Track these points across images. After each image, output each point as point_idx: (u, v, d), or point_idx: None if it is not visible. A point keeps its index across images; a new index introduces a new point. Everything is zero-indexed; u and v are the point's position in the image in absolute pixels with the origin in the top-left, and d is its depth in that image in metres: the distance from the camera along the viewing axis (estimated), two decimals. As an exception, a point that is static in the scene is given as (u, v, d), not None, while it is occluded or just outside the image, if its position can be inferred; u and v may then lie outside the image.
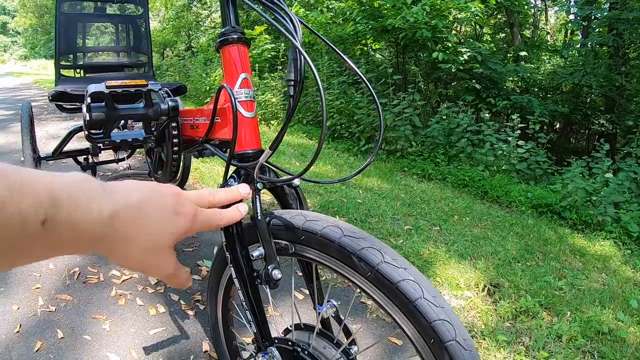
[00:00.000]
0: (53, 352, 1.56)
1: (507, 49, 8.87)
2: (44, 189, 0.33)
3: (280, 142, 0.77)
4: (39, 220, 0.32)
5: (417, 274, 0.68)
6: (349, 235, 0.72)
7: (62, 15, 2.66)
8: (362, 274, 0.69)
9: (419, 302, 0.64)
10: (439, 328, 0.62)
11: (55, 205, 0.33)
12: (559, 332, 1.80)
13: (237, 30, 0.89)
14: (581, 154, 5.77)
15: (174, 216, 0.45)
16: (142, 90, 1.10)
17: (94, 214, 0.36)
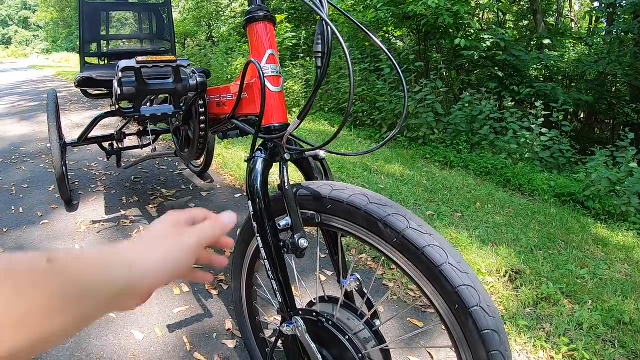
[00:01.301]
0: (79, 329, 1.60)
1: (530, 36, 8.71)
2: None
3: (308, 112, 0.78)
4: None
5: (442, 240, 0.68)
6: (375, 203, 0.73)
7: (86, 5, 2.71)
8: (388, 240, 0.70)
9: (444, 267, 0.64)
10: (463, 293, 0.63)
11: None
12: (580, 320, 1.79)
13: (264, 9, 0.90)
14: (606, 144, 5.66)
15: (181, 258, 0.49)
16: (172, 66, 1.12)
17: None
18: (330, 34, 0.74)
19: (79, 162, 3.66)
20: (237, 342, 1.57)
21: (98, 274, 0.39)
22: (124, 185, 3.09)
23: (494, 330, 0.63)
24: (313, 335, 0.86)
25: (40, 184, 3.14)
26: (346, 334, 0.83)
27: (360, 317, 0.88)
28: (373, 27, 6.54)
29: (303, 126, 5.50)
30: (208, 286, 1.89)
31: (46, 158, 3.76)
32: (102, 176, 3.31)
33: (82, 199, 2.85)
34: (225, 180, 3.23)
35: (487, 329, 0.63)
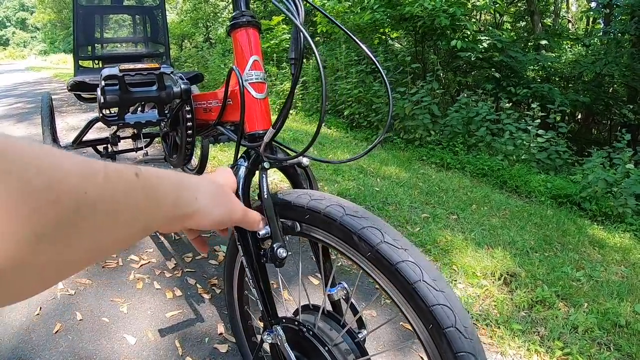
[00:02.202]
0: (72, 333, 1.59)
1: (527, 37, 8.72)
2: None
3: (284, 120, 0.78)
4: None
5: (418, 256, 0.66)
6: (351, 214, 0.71)
7: (80, 8, 2.70)
8: (363, 254, 0.68)
9: (417, 284, 0.62)
10: (438, 313, 0.61)
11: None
12: (575, 323, 1.78)
13: (247, 14, 0.89)
14: (603, 144, 5.66)
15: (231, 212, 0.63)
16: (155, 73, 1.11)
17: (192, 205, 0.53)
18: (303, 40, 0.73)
19: (74, 165, 3.64)
20: (229, 346, 1.56)
21: (171, 194, 0.48)
22: (119, 189, 3.08)
23: (470, 353, 0.60)
24: (295, 344, 0.85)
25: (34, 187, 3.12)
26: (326, 344, 0.82)
27: (343, 327, 0.86)
28: (370, 29, 6.55)
29: (300, 127, 5.49)
30: (201, 290, 1.88)
31: (41, 161, 3.74)
32: (97, 179, 3.30)
33: (76, 202, 2.84)
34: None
35: (462, 351, 0.60)
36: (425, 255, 0.66)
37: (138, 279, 1.95)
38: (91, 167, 0.34)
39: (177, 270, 2.02)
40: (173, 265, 2.07)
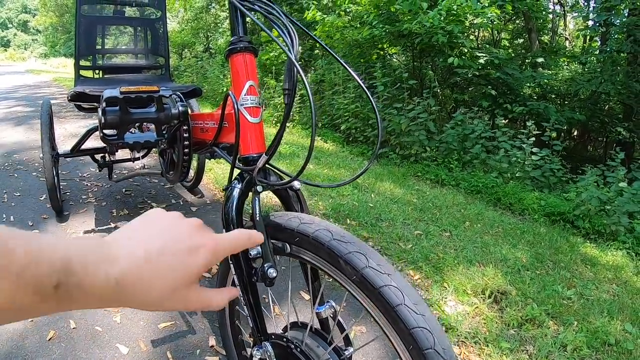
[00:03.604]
0: (65, 341, 1.61)
1: (524, 54, 8.81)
2: (58, 255, 0.35)
3: (277, 147, 0.81)
4: (52, 285, 0.34)
5: (400, 281, 0.70)
6: (337, 239, 0.75)
7: (82, 18, 2.73)
8: (349, 277, 0.72)
9: (399, 308, 0.66)
10: (418, 335, 0.64)
11: (67, 272, 0.35)
12: (564, 342, 1.80)
13: (244, 40, 0.93)
14: (598, 162, 5.71)
15: (191, 254, 0.44)
16: (154, 96, 1.14)
17: (101, 280, 0.37)
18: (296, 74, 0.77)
19: (71, 172, 3.67)
20: (219, 359, 1.58)
21: (47, 256, 0.34)
22: (115, 198, 3.10)
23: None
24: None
25: (32, 193, 3.14)
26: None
27: (330, 344, 0.89)
28: (368, 45, 6.61)
29: (296, 141, 5.53)
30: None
31: (39, 166, 3.76)
32: (93, 187, 3.32)
33: (73, 209, 2.86)
34: (216, 195, 3.24)
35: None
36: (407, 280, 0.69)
37: (132, 289, 1.97)
38: None
39: (170, 282, 2.04)
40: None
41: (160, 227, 0.45)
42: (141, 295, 0.40)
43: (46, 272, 0.34)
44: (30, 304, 0.33)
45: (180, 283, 0.42)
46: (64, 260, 0.35)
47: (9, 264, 0.32)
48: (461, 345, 1.75)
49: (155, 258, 0.41)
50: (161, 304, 0.42)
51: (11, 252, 0.32)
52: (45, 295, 0.34)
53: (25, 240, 0.34)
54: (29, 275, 0.32)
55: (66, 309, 0.37)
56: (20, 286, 0.32)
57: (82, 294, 0.36)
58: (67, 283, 0.35)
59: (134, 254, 0.40)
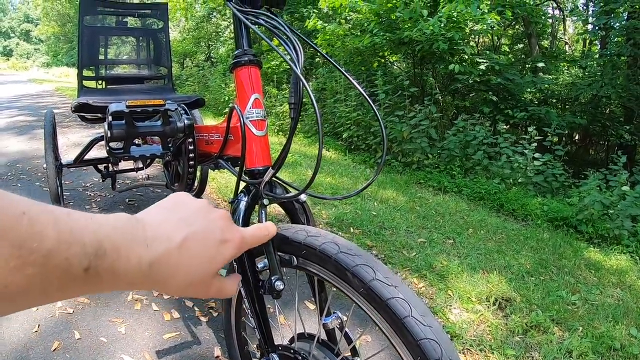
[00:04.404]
0: (70, 352, 1.61)
1: (525, 59, 8.83)
2: (90, 238, 0.34)
3: (283, 161, 0.82)
4: (82, 267, 0.33)
5: (407, 292, 0.71)
6: (345, 252, 0.75)
7: (85, 28, 2.75)
8: (356, 289, 0.72)
9: (406, 320, 0.66)
10: (425, 347, 0.65)
11: (99, 254, 0.34)
12: (569, 348, 1.80)
13: (249, 53, 0.94)
14: (600, 165, 5.70)
15: (220, 246, 0.45)
16: (160, 110, 1.16)
17: (133, 263, 0.37)
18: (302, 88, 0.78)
19: (75, 181, 3.68)
20: (225, 370, 1.58)
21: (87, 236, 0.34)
22: (119, 208, 3.11)
23: None
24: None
25: (35, 204, 3.15)
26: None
27: (337, 355, 0.89)
28: (369, 52, 6.63)
29: (298, 150, 5.54)
30: (198, 313, 1.90)
31: (42, 176, 3.77)
32: (96, 197, 3.33)
33: (77, 221, 2.86)
34: (219, 205, 3.25)
35: None
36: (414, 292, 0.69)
37: (136, 300, 1.97)
38: None
39: (175, 292, 2.04)
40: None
41: (193, 213, 0.45)
42: (170, 280, 0.40)
43: (77, 254, 0.32)
44: (57, 287, 0.32)
45: (207, 272, 0.43)
46: (95, 242, 0.34)
47: (38, 247, 0.30)
48: (466, 352, 1.75)
49: (189, 245, 0.42)
50: (185, 290, 0.42)
51: (40, 233, 0.30)
52: (74, 278, 0.33)
53: (55, 218, 0.32)
54: (58, 258, 0.31)
55: (93, 292, 0.36)
56: (48, 269, 0.31)
57: (112, 277, 0.35)
58: (98, 266, 0.34)
59: (171, 238, 0.40)
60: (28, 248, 0.29)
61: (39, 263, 0.30)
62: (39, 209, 0.32)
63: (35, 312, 1.84)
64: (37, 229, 0.30)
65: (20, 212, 0.30)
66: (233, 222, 0.49)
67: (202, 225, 0.44)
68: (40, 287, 0.31)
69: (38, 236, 0.30)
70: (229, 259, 0.46)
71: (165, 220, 0.42)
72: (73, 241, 0.32)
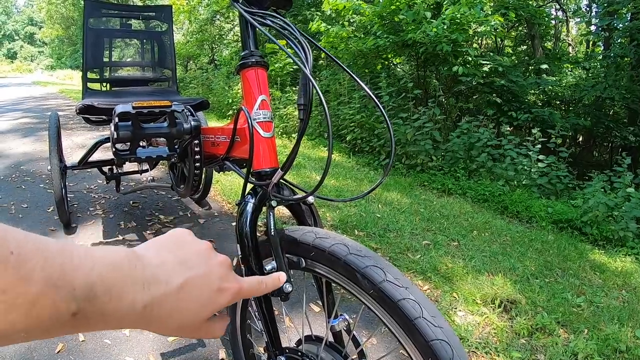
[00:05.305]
0: (74, 354, 1.61)
1: (528, 61, 8.82)
2: (81, 280, 0.32)
3: (292, 163, 0.82)
4: (70, 312, 0.31)
5: (418, 294, 0.71)
6: (354, 253, 0.75)
7: (90, 31, 2.76)
8: (366, 291, 0.72)
9: (417, 321, 0.66)
10: (436, 347, 0.65)
11: (89, 298, 0.33)
12: (575, 350, 1.78)
13: (255, 54, 0.93)
14: (604, 167, 5.69)
15: (216, 294, 0.43)
16: (166, 111, 1.16)
17: (125, 305, 0.35)
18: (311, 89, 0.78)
19: (79, 183, 3.68)
20: (230, 372, 1.58)
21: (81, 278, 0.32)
22: (123, 210, 3.11)
23: None
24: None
25: (39, 205, 3.16)
26: (328, 375, 0.85)
27: (345, 358, 0.89)
28: (373, 54, 6.63)
29: (303, 152, 5.53)
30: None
31: (46, 178, 3.78)
32: (101, 199, 3.33)
33: (81, 222, 2.87)
34: (223, 207, 3.25)
35: None
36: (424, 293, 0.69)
37: (141, 302, 1.97)
38: None
39: (180, 295, 2.04)
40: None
41: (194, 256, 0.44)
42: (162, 323, 0.39)
43: (65, 299, 0.31)
44: (41, 330, 0.31)
45: (202, 317, 0.42)
46: (86, 285, 0.32)
47: (24, 292, 0.29)
48: (472, 355, 1.75)
49: (187, 290, 0.41)
50: (176, 331, 0.42)
51: (27, 276, 0.29)
52: (61, 323, 0.31)
53: (45, 259, 0.31)
54: (44, 303, 0.30)
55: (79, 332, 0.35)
56: (33, 314, 0.29)
57: (101, 319, 0.34)
58: (87, 310, 0.32)
59: (170, 282, 0.39)
60: (14, 292, 0.28)
61: (24, 308, 0.29)
62: (28, 247, 0.30)
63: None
64: (25, 271, 0.29)
65: (8, 253, 0.29)
66: (232, 271, 0.48)
67: (202, 270, 0.43)
68: (24, 330, 0.30)
69: (25, 280, 0.29)
70: (222, 307, 0.45)
71: (165, 260, 0.41)
72: (62, 285, 0.31)
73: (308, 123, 0.78)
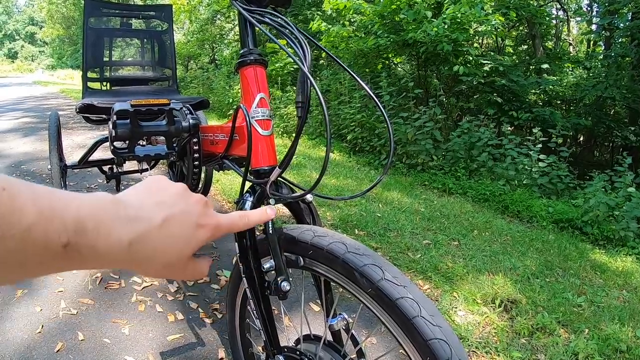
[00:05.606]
0: (73, 353, 1.61)
1: (529, 61, 8.81)
2: (71, 214, 0.34)
3: (290, 161, 0.81)
4: (62, 243, 0.33)
5: (416, 292, 0.70)
6: (352, 252, 0.75)
7: (90, 30, 2.75)
8: (364, 290, 0.72)
9: (416, 320, 0.66)
10: (434, 347, 0.64)
11: (79, 231, 0.34)
12: (575, 350, 1.78)
13: (254, 52, 0.93)
14: (605, 167, 5.68)
15: (196, 230, 0.45)
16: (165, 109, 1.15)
17: (113, 241, 0.37)
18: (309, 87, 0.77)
19: (79, 182, 3.68)
20: (229, 372, 1.57)
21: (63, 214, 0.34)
22: (123, 209, 3.11)
23: None
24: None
25: (40, 206, 3.15)
26: (326, 374, 0.85)
27: (344, 357, 0.89)
28: (373, 54, 6.62)
29: (303, 151, 5.53)
30: (202, 314, 1.90)
31: (47, 177, 3.78)
32: (101, 199, 3.32)
33: (81, 222, 2.86)
34: (224, 206, 3.25)
35: None
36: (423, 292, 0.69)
37: (140, 301, 1.97)
38: None
39: (179, 294, 2.04)
40: (175, 288, 2.09)
41: (172, 196, 0.45)
42: (149, 261, 0.41)
43: (56, 230, 0.33)
44: (36, 262, 0.33)
45: (184, 254, 0.44)
46: (75, 219, 0.34)
47: (17, 222, 0.31)
48: (472, 355, 1.74)
49: (169, 226, 0.42)
50: (163, 271, 0.43)
51: (20, 209, 0.31)
52: (53, 254, 0.33)
53: (36, 195, 0.33)
54: (37, 233, 0.32)
55: (77, 268, 0.36)
56: (27, 244, 0.31)
57: (93, 254, 0.36)
58: (77, 243, 0.34)
59: (152, 218, 0.41)
60: (8, 222, 0.30)
61: (18, 237, 0.31)
62: (19, 185, 0.32)
63: (39, 313, 1.84)
64: (17, 204, 0.31)
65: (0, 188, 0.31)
66: (210, 207, 0.49)
67: (181, 207, 0.45)
68: (19, 261, 0.32)
69: (18, 211, 0.31)
70: (203, 243, 0.46)
71: (145, 202, 0.43)
72: (53, 217, 0.33)
73: (306, 120, 0.78)
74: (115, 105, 1.13)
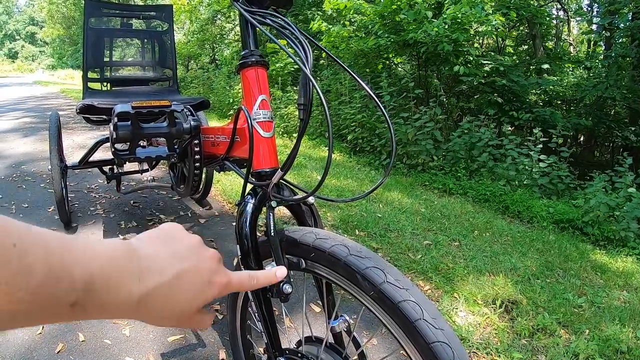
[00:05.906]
0: (74, 354, 1.61)
1: (529, 61, 8.81)
2: (80, 272, 0.34)
3: (292, 163, 0.81)
4: (69, 303, 0.33)
5: (419, 295, 0.70)
6: (355, 254, 0.75)
7: (90, 30, 2.75)
8: (366, 292, 0.72)
9: (418, 323, 0.66)
10: (437, 350, 0.64)
11: (88, 290, 0.34)
12: (576, 351, 1.78)
13: (255, 54, 0.93)
14: (605, 167, 5.68)
15: (207, 286, 0.45)
16: (166, 111, 1.15)
17: (122, 297, 0.37)
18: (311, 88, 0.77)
19: (79, 183, 3.68)
20: (230, 373, 1.57)
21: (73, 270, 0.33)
22: (123, 210, 3.11)
23: None
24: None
25: (40, 205, 3.15)
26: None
27: (345, 359, 0.89)
28: (374, 54, 6.62)
29: (303, 152, 5.53)
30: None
31: (47, 178, 3.78)
32: (101, 199, 3.33)
33: (81, 221, 2.86)
34: (224, 207, 3.25)
35: None
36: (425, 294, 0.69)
37: (141, 302, 1.97)
38: None
39: (180, 294, 2.04)
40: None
41: (186, 249, 0.45)
42: (155, 314, 0.41)
43: (65, 290, 0.32)
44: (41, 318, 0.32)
45: (193, 308, 0.44)
46: (85, 278, 0.34)
47: (26, 283, 0.30)
48: (473, 356, 1.74)
49: (179, 281, 0.42)
50: (167, 322, 0.43)
51: (29, 268, 0.30)
52: (59, 312, 0.33)
53: (46, 250, 0.32)
54: (44, 294, 0.31)
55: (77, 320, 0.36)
56: (34, 303, 0.31)
57: (98, 310, 0.36)
58: (85, 301, 0.34)
59: (163, 273, 0.41)
60: (16, 284, 0.30)
61: (25, 299, 0.30)
62: (30, 239, 0.31)
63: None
64: (27, 263, 0.30)
65: (10, 245, 0.30)
66: (222, 264, 0.49)
67: (193, 263, 0.44)
68: (24, 317, 0.31)
69: (27, 272, 0.30)
70: (210, 300, 0.46)
71: (158, 252, 0.42)
72: (62, 276, 0.32)
73: (308, 123, 0.78)
74: (116, 107, 1.13)
